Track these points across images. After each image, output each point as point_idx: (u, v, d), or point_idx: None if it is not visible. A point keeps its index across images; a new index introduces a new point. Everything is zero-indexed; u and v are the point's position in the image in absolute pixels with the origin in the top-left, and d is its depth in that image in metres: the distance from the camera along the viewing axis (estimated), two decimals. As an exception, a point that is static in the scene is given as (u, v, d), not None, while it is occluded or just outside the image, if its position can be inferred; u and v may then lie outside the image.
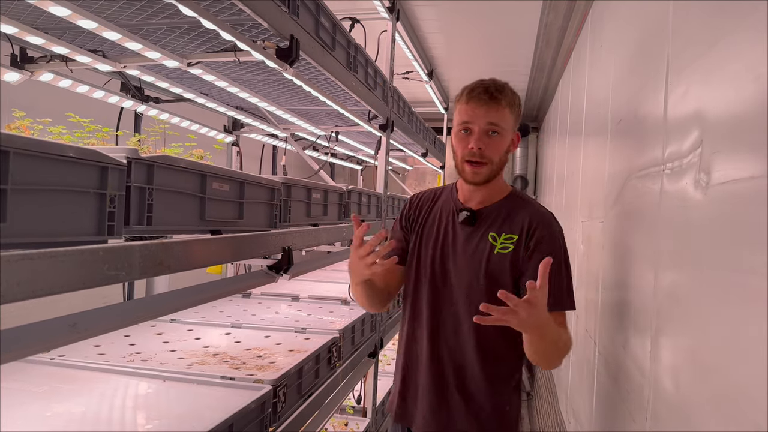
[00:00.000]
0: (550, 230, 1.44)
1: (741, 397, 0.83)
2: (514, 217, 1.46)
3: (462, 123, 1.43)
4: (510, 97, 1.43)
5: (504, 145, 1.43)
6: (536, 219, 1.45)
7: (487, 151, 1.40)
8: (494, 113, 1.40)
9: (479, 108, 1.41)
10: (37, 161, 0.82)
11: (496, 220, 1.48)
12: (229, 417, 1.37)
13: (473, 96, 1.42)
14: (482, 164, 1.41)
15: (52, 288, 0.80)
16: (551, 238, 1.42)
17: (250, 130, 3.32)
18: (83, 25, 1.38)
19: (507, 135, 1.43)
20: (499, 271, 1.43)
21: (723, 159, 0.94)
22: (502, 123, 1.40)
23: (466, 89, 1.46)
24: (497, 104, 1.40)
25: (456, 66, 5.13)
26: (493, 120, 1.39)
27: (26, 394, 1.51)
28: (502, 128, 1.40)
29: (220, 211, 1.38)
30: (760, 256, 0.77)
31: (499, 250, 1.44)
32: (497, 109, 1.40)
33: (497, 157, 1.42)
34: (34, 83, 1.87)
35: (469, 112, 1.42)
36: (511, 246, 1.43)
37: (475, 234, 1.49)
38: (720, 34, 1.00)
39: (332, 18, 1.95)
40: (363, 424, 3.00)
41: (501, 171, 1.47)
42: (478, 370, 1.48)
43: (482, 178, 1.43)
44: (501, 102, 1.40)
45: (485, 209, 1.49)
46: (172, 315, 2.46)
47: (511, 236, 1.44)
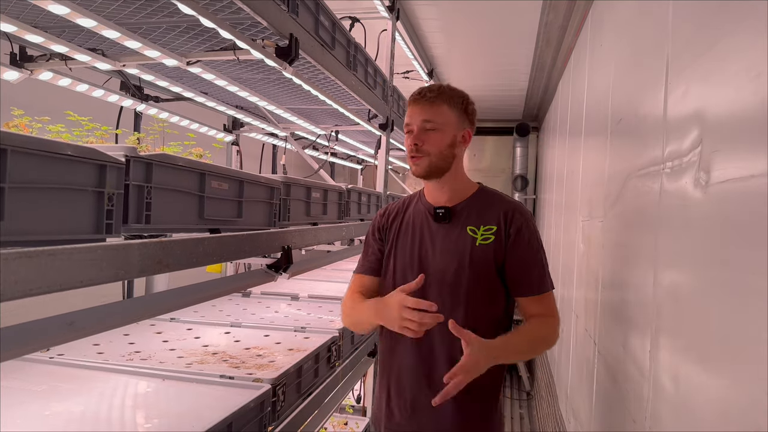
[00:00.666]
0: (525, 217, 1.53)
1: (741, 396, 0.83)
2: (489, 210, 1.54)
3: (405, 125, 1.54)
4: (448, 94, 1.52)
5: (443, 139, 1.50)
6: (511, 208, 1.54)
7: (425, 145, 1.49)
8: (428, 110, 1.49)
9: (414, 108, 1.52)
10: (35, 159, 0.82)
11: (471, 215, 1.54)
12: (228, 416, 1.37)
13: (411, 100, 1.54)
14: (420, 157, 1.49)
15: (51, 286, 0.80)
16: (527, 223, 1.52)
17: (249, 129, 3.32)
18: (82, 24, 1.38)
19: (446, 130, 1.50)
20: (484, 262, 1.49)
21: (722, 158, 0.94)
22: (437, 118, 1.49)
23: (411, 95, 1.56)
24: (431, 102, 1.50)
25: (456, 65, 5.13)
26: (427, 117, 1.49)
27: (25, 393, 1.51)
28: (438, 123, 1.49)
29: (219, 210, 1.38)
30: (760, 254, 0.77)
31: (480, 241, 1.51)
32: (431, 106, 1.49)
33: (436, 150, 1.49)
34: (34, 82, 1.87)
35: (410, 114, 1.52)
36: (491, 237, 1.50)
37: (452, 230, 1.54)
38: (720, 34, 1.00)
39: (332, 17, 1.95)
40: (362, 424, 3.00)
41: (448, 165, 1.53)
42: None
43: (422, 169, 1.50)
44: (434, 100, 1.50)
45: (458, 205, 1.56)
46: (172, 314, 2.46)
47: (490, 227, 1.51)
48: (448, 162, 1.53)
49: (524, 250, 1.50)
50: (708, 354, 0.96)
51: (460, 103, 1.55)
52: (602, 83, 2.38)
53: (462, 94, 1.58)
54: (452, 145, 1.52)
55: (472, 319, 1.46)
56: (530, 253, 1.50)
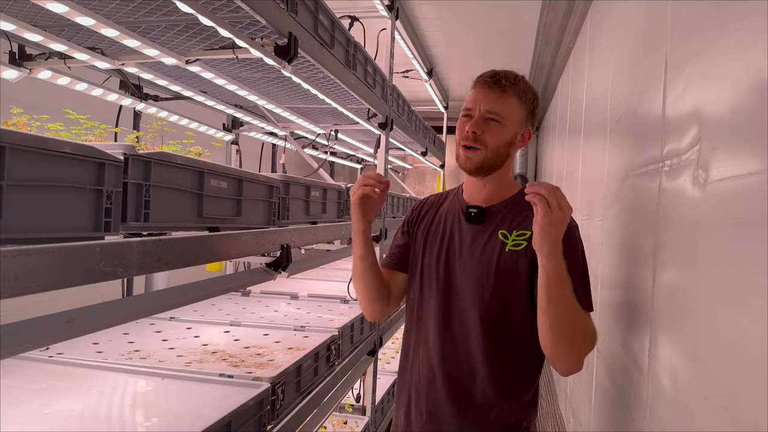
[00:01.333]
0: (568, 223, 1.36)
1: (740, 395, 0.83)
2: (527, 214, 1.34)
3: (464, 108, 1.40)
4: (521, 88, 1.38)
5: (504, 134, 1.36)
6: None
7: (483, 137, 1.35)
8: (496, 100, 1.35)
9: (482, 93, 1.36)
10: (34, 157, 0.82)
11: (506, 218, 1.40)
12: (228, 414, 1.37)
13: (479, 81, 1.38)
14: (475, 149, 1.36)
15: (49, 284, 0.80)
16: (568, 233, 1.29)
17: (249, 129, 3.32)
18: (81, 22, 1.38)
19: (509, 125, 1.36)
20: (513, 270, 1.34)
21: (721, 156, 0.94)
22: (503, 112, 1.35)
23: (478, 77, 1.41)
24: (501, 91, 1.35)
25: (456, 65, 5.13)
26: (493, 107, 1.34)
27: (25, 391, 1.51)
28: (502, 117, 1.35)
29: (218, 209, 1.38)
30: (759, 252, 0.77)
31: (511, 247, 1.36)
32: (500, 96, 1.35)
33: (493, 144, 1.35)
34: (34, 81, 1.87)
35: (473, 97, 1.38)
36: (524, 243, 1.34)
37: (482, 233, 1.41)
38: (718, 32, 1.00)
39: (331, 16, 1.94)
40: (362, 423, 3.00)
41: (501, 163, 1.39)
42: (490, 382, 1.37)
43: (474, 164, 1.37)
44: (507, 90, 1.35)
45: (494, 206, 1.42)
46: (171, 313, 2.46)
47: (523, 233, 1.36)
48: (501, 160, 1.39)
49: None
50: (707, 353, 0.96)
51: (531, 100, 1.41)
52: (601, 82, 2.38)
53: (535, 92, 1.43)
54: (511, 144, 1.38)
55: (489, 333, 1.35)
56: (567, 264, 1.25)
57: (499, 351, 1.36)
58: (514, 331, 1.35)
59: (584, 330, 1.27)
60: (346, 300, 3.05)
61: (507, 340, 1.36)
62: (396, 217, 3.63)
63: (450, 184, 7.49)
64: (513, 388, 1.38)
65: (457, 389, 1.39)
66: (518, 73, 1.41)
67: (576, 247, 1.33)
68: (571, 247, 1.29)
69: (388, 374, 3.69)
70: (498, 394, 1.37)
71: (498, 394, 1.37)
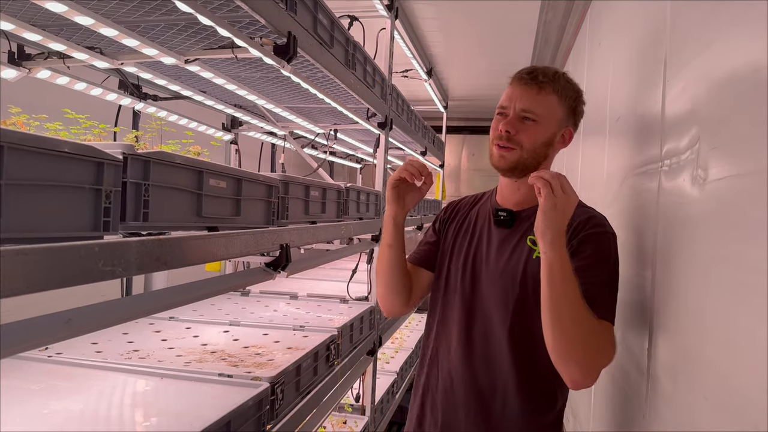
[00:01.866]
0: (600, 229, 1.26)
1: (739, 394, 0.83)
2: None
3: (499, 106, 1.33)
4: (562, 85, 1.30)
5: (540, 134, 1.29)
6: (585, 218, 1.27)
7: (518, 136, 1.28)
8: (533, 98, 1.28)
9: (518, 89, 1.30)
10: (32, 156, 0.81)
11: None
12: (227, 414, 1.36)
13: (516, 77, 1.31)
14: (509, 149, 1.29)
15: (47, 283, 0.80)
16: (597, 237, 1.24)
17: (248, 128, 3.32)
18: (80, 22, 1.38)
19: (546, 125, 1.29)
20: (539, 278, 1.22)
21: (720, 155, 0.94)
22: (539, 110, 1.28)
23: (516, 72, 1.34)
24: (539, 89, 1.28)
25: (455, 64, 5.12)
26: (529, 106, 1.28)
27: (24, 391, 1.51)
28: (539, 116, 1.28)
29: (217, 208, 1.38)
30: (759, 252, 0.77)
31: (538, 254, 1.24)
32: (538, 93, 1.28)
33: (529, 144, 1.28)
34: (34, 82, 1.87)
35: (509, 94, 1.31)
36: None
37: (511, 238, 1.34)
38: (718, 30, 1.00)
39: (330, 15, 1.94)
40: (361, 422, 3.00)
41: (537, 165, 1.32)
42: (512, 396, 1.30)
43: (507, 163, 1.30)
44: (545, 87, 1.28)
45: (525, 210, 1.35)
46: (171, 313, 2.46)
47: None
48: (538, 161, 1.31)
49: (582, 261, 1.20)
50: (707, 352, 0.96)
51: (572, 98, 1.33)
52: (600, 82, 2.38)
53: (577, 88, 1.36)
54: (548, 144, 1.31)
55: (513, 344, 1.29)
56: (588, 266, 1.20)
57: (523, 364, 1.30)
58: (540, 343, 1.24)
59: (591, 335, 1.16)
60: (345, 300, 3.05)
61: (532, 353, 1.28)
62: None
63: (449, 184, 7.50)
64: (536, 405, 1.32)
65: (476, 403, 1.33)
66: (559, 69, 1.35)
67: (608, 252, 1.25)
68: (603, 251, 1.24)
69: (388, 374, 3.69)
70: (520, 411, 1.30)
71: (520, 411, 1.30)
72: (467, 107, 6.86)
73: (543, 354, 1.23)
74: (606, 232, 1.27)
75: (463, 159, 7.71)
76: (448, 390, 1.38)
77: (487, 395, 1.33)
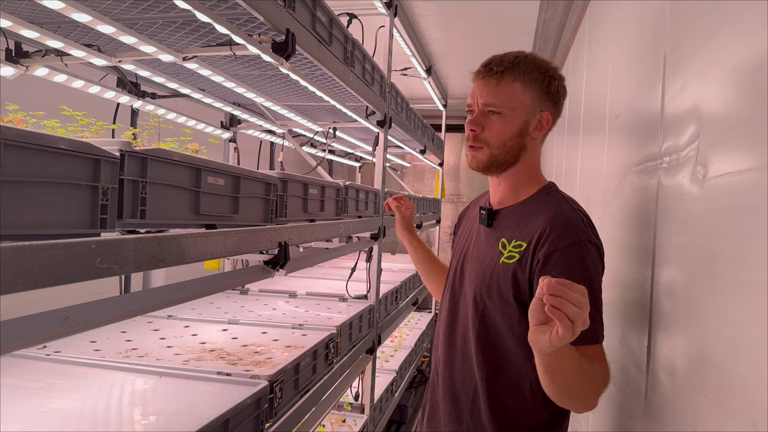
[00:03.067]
0: (569, 240, 1.14)
1: (739, 392, 0.82)
2: (531, 220, 1.22)
3: (467, 105, 1.29)
4: (523, 69, 1.23)
5: (507, 127, 1.22)
6: (553, 224, 1.17)
7: (484, 134, 1.23)
8: (492, 90, 1.22)
9: (477, 85, 1.25)
10: (29, 153, 0.81)
11: (512, 223, 1.26)
12: (225, 412, 1.36)
13: (475, 72, 1.27)
14: (477, 147, 1.24)
15: (44, 281, 0.80)
16: (568, 250, 1.13)
17: (247, 126, 3.31)
18: (77, 19, 1.37)
19: (512, 115, 1.23)
20: (502, 285, 1.21)
21: (720, 152, 0.93)
22: (500, 101, 1.21)
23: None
24: (497, 79, 1.22)
25: (454, 62, 5.12)
26: (489, 99, 1.22)
27: (21, 389, 1.51)
28: (501, 107, 1.22)
29: (216, 206, 1.37)
30: (759, 248, 0.77)
31: (504, 259, 1.21)
32: (497, 84, 1.22)
33: (497, 140, 1.23)
34: (31, 79, 1.86)
35: (471, 91, 1.27)
36: (517, 255, 1.19)
37: (490, 238, 1.29)
38: (718, 27, 0.99)
39: (329, 12, 1.94)
40: (361, 421, 3.00)
41: (514, 158, 1.25)
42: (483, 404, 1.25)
43: (480, 163, 1.26)
44: (504, 76, 1.22)
45: (505, 209, 1.30)
46: (169, 311, 2.46)
47: (520, 244, 1.20)
48: (513, 154, 1.25)
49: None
50: (707, 350, 0.96)
51: (539, 80, 1.24)
52: (600, 80, 2.37)
53: (545, 66, 1.27)
54: (521, 134, 1.24)
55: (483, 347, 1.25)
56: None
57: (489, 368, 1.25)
58: (509, 352, 1.22)
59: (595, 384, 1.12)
60: (344, 298, 3.05)
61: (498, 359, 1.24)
62: (394, 215, 3.61)
63: (449, 183, 7.49)
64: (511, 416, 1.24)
65: (454, 404, 1.31)
66: (521, 53, 1.27)
67: (581, 267, 1.13)
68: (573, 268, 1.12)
69: (387, 372, 3.69)
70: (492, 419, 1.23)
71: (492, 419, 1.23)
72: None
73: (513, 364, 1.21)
74: (575, 243, 1.15)
75: (462, 157, 7.70)
76: (435, 387, 1.40)
77: (460, 396, 1.31)
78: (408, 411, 4.23)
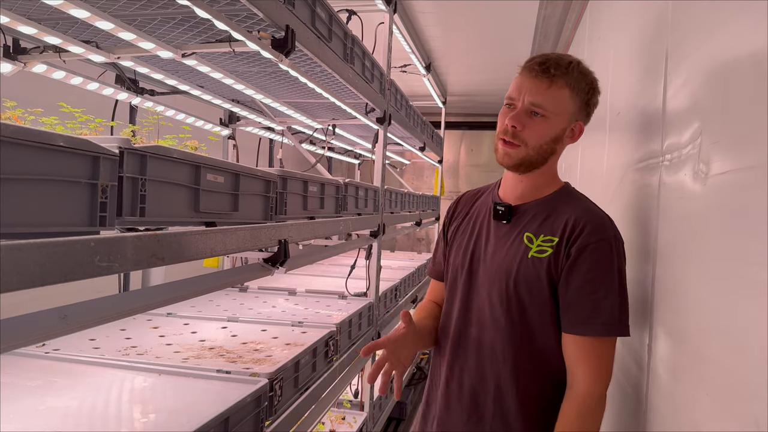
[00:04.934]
0: (600, 235, 1.20)
1: (740, 389, 0.82)
2: (558, 216, 1.25)
3: (507, 97, 1.26)
4: (575, 77, 1.23)
5: (549, 131, 1.23)
6: (583, 220, 1.22)
7: (524, 132, 1.22)
8: (542, 92, 1.21)
9: (527, 82, 1.22)
10: (27, 150, 0.80)
11: (536, 219, 1.28)
12: (225, 410, 1.36)
13: (526, 67, 1.24)
14: (515, 145, 1.22)
15: (43, 279, 0.79)
16: (599, 245, 1.18)
17: (246, 123, 3.31)
18: (76, 15, 1.36)
19: (556, 120, 1.22)
20: (534, 279, 1.23)
21: (722, 149, 0.93)
22: (548, 105, 1.20)
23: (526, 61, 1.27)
24: (549, 81, 1.20)
25: (454, 59, 5.11)
26: (538, 100, 1.20)
27: (21, 388, 1.50)
28: (548, 111, 1.21)
29: (215, 203, 1.37)
30: (761, 246, 0.76)
31: (534, 253, 1.23)
32: (548, 87, 1.20)
33: (535, 142, 1.22)
34: (30, 76, 1.85)
35: (518, 85, 1.24)
36: (549, 250, 1.22)
37: (510, 233, 1.29)
38: (720, 22, 0.99)
39: (328, 9, 1.93)
40: (360, 418, 3.00)
41: (544, 161, 1.27)
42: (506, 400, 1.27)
43: (512, 161, 1.25)
44: (556, 80, 1.20)
45: (525, 205, 1.30)
46: (168, 309, 2.45)
47: (550, 239, 1.23)
48: (544, 158, 1.26)
49: (581, 277, 1.18)
50: (708, 348, 0.96)
51: (585, 90, 1.26)
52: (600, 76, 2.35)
53: (592, 79, 1.28)
54: (556, 140, 1.25)
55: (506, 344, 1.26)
56: (592, 281, 1.18)
57: (518, 364, 1.27)
58: (535, 343, 1.25)
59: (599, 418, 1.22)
60: (344, 296, 3.04)
61: (526, 352, 1.26)
62: (394, 212, 3.62)
63: (448, 180, 7.48)
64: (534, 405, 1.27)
65: (469, 403, 1.31)
66: (573, 59, 1.27)
67: (610, 262, 1.20)
68: (603, 263, 1.19)
69: (387, 370, 3.68)
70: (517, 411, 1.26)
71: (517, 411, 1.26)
72: (466, 103, 6.85)
73: (537, 354, 1.24)
74: (605, 238, 1.21)
75: (461, 155, 7.70)
76: (445, 390, 1.37)
77: (479, 396, 1.30)
78: (407, 408, 4.23)
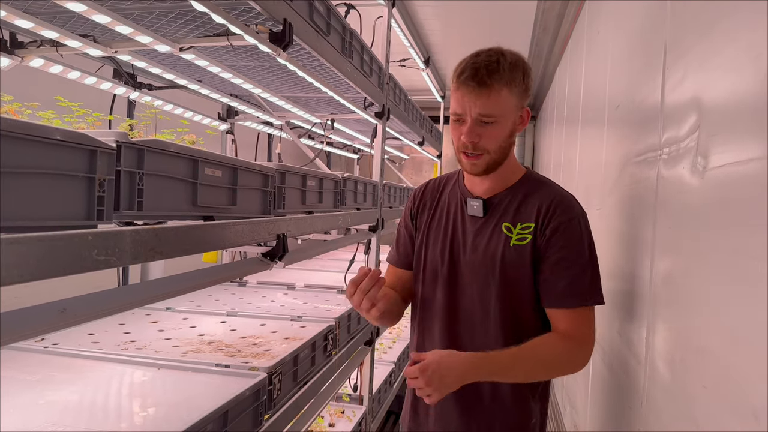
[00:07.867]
0: (569, 215, 1.30)
1: (739, 381, 0.82)
2: (530, 203, 1.33)
3: (453, 113, 1.30)
4: (507, 74, 1.26)
5: (502, 132, 1.28)
6: (553, 203, 1.31)
7: (482, 142, 1.27)
8: (485, 101, 1.24)
9: (468, 96, 1.25)
10: (24, 144, 0.80)
11: (509, 208, 1.34)
12: (224, 404, 1.36)
13: (461, 82, 1.26)
14: (478, 156, 1.29)
15: (41, 273, 0.79)
16: (570, 224, 1.29)
17: (244, 118, 3.30)
18: (72, 8, 1.35)
19: (505, 121, 1.28)
20: (519, 265, 1.30)
21: (720, 142, 0.93)
22: (495, 111, 1.25)
23: (457, 71, 1.29)
24: (488, 90, 1.24)
25: (453, 53, 5.09)
26: (485, 110, 1.24)
27: (20, 382, 1.50)
28: (496, 116, 1.26)
29: (213, 198, 1.37)
30: (759, 239, 0.76)
31: (515, 242, 1.31)
32: (489, 95, 1.24)
33: (495, 146, 1.28)
34: (28, 71, 1.84)
35: (460, 101, 1.27)
36: (528, 237, 1.30)
37: (486, 225, 1.35)
38: (719, 16, 0.99)
39: (327, 2, 1.92)
40: (359, 412, 3.01)
41: (505, 156, 1.33)
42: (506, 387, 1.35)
43: (480, 169, 1.31)
44: (493, 86, 1.24)
45: (496, 197, 1.36)
46: (167, 303, 2.45)
47: (527, 225, 1.31)
48: (506, 153, 1.33)
49: (557, 254, 1.28)
50: (706, 341, 0.96)
51: (519, 79, 1.28)
52: (599, 70, 2.36)
53: (520, 62, 1.30)
54: (511, 134, 1.31)
55: (501, 336, 1.32)
56: (566, 258, 1.27)
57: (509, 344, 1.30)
58: (525, 324, 1.32)
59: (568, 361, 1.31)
60: (342, 290, 3.05)
61: (516, 333, 1.32)
62: (392, 207, 3.62)
63: (447, 174, 7.47)
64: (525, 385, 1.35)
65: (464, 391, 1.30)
66: (498, 55, 1.29)
67: (580, 239, 1.30)
68: (574, 240, 1.29)
69: (386, 364, 3.70)
70: (510, 390, 1.34)
71: (510, 390, 1.34)
72: (465, 97, 6.82)
73: (526, 333, 1.31)
74: (574, 217, 1.31)
75: (460, 149, 7.68)
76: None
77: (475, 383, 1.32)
78: (406, 402, 4.24)
